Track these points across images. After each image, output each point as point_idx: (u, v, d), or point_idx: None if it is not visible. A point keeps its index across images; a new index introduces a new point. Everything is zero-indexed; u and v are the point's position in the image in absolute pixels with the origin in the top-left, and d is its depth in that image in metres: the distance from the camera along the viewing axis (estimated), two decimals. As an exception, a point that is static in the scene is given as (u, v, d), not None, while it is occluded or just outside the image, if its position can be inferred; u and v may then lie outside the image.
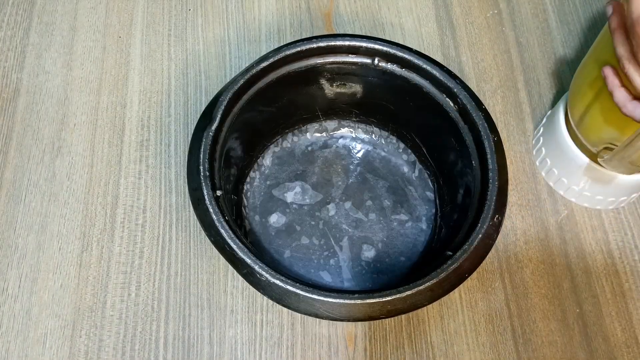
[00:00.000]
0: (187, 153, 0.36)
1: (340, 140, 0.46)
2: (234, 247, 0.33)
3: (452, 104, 0.38)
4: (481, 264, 0.33)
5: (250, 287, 0.33)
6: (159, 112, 0.46)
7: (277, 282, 0.32)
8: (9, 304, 0.39)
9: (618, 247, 0.43)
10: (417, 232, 0.43)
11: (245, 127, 0.40)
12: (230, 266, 0.33)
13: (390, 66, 0.39)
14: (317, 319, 0.39)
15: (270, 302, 0.40)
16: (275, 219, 0.43)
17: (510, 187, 0.44)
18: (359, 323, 0.39)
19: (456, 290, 0.33)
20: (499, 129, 0.37)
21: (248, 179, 0.44)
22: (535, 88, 0.48)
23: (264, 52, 0.42)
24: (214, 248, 0.33)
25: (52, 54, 0.48)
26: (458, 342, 0.39)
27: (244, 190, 0.44)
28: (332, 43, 0.39)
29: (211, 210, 0.34)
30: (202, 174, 0.35)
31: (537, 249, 0.42)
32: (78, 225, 0.42)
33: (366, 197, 0.44)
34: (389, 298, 0.31)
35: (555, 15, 0.52)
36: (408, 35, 0.50)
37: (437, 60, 0.39)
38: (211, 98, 0.38)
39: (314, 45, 0.39)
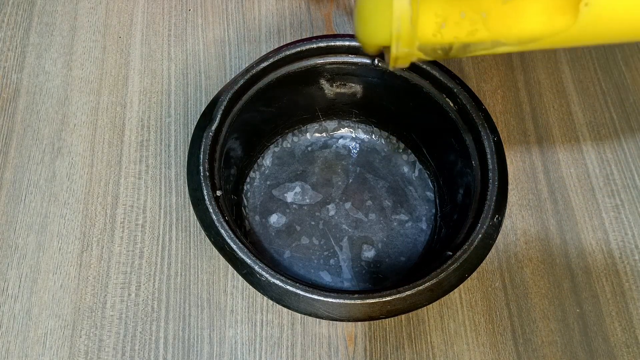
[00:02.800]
0: (187, 153, 0.36)
1: (340, 140, 0.46)
2: (234, 247, 0.33)
3: (452, 104, 0.38)
4: (481, 264, 0.33)
5: (250, 287, 0.33)
6: (159, 112, 0.46)
7: (277, 282, 0.32)
8: (9, 304, 0.39)
9: (618, 247, 0.43)
10: (417, 232, 0.43)
11: (245, 127, 0.40)
12: (230, 266, 0.33)
13: (390, 66, 0.39)
14: (317, 319, 0.39)
15: (270, 302, 0.40)
16: (275, 219, 0.43)
17: (510, 187, 0.44)
18: (359, 323, 0.39)
19: (456, 290, 0.33)
20: (499, 129, 0.37)
21: (248, 179, 0.44)
22: (535, 88, 0.48)
23: (264, 52, 0.42)
24: (214, 248, 0.33)
25: (52, 54, 0.48)
26: (458, 342, 0.39)
27: (244, 190, 0.44)
28: (332, 43, 0.39)
29: (211, 210, 0.34)
30: (202, 174, 0.35)
31: (537, 248, 0.42)
32: (78, 225, 0.42)
33: (366, 197, 0.44)
34: (389, 298, 0.31)
35: (555, 15, 0.52)
36: (408, 35, 0.50)
37: (437, 60, 0.39)
38: (211, 98, 0.38)
39: (314, 46, 0.39)
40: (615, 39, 0.23)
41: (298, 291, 0.31)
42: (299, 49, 0.38)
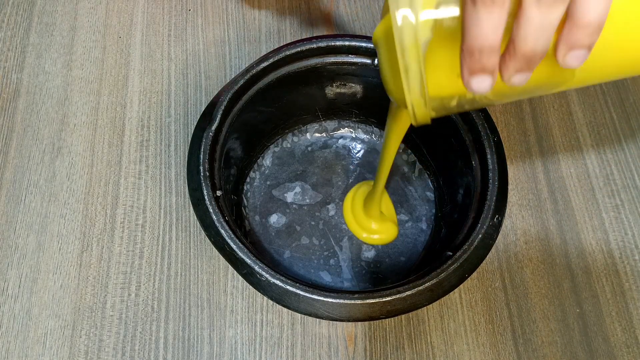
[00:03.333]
0: (187, 153, 0.36)
1: (340, 141, 0.46)
2: (234, 247, 0.33)
3: (452, 104, 0.38)
4: (481, 264, 0.33)
5: (250, 287, 0.33)
6: (159, 112, 0.46)
7: (277, 282, 0.32)
8: (9, 304, 0.39)
9: (618, 247, 0.43)
10: (417, 232, 0.43)
11: (245, 127, 0.40)
12: (230, 266, 0.33)
13: (390, 66, 0.39)
14: (317, 319, 0.39)
15: (270, 302, 0.40)
16: (275, 219, 0.43)
17: (510, 187, 0.44)
18: (359, 323, 0.39)
19: (456, 290, 0.33)
20: (499, 129, 0.37)
21: (248, 179, 0.44)
22: (535, 88, 0.48)
23: (264, 52, 0.42)
24: (214, 248, 0.33)
25: (52, 54, 0.48)
26: (458, 342, 0.39)
27: (244, 190, 0.44)
28: (332, 43, 0.39)
29: (211, 210, 0.34)
30: (202, 174, 0.35)
31: (537, 249, 0.42)
32: (78, 225, 0.42)
33: (366, 197, 0.44)
34: (389, 298, 0.31)
35: (555, 15, 0.52)
36: (408, 35, 0.50)
37: (437, 60, 0.39)
38: (211, 98, 0.38)
39: (314, 46, 0.39)
40: (620, 75, 0.24)
41: (298, 291, 0.31)
42: (299, 49, 0.38)
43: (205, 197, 0.34)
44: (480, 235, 0.33)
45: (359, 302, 0.31)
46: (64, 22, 0.50)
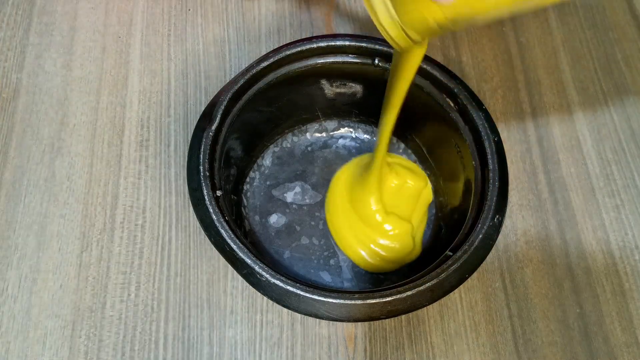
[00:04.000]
0: (187, 153, 0.36)
1: (340, 140, 0.46)
2: (234, 247, 0.33)
3: (452, 104, 0.38)
4: (481, 264, 0.33)
5: (250, 287, 0.33)
6: (158, 112, 0.46)
7: (277, 282, 0.32)
8: (9, 304, 0.39)
9: (618, 247, 0.43)
10: (417, 232, 0.43)
11: (245, 127, 0.40)
12: (230, 266, 0.33)
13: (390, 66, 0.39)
14: (317, 319, 0.39)
15: (270, 302, 0.40)
16: (275, 219, 0.43)
17: (510, 187, 0.44)
18: (359, 323, 0.39)
19: (456, 290, 0.33)
20: (499, 129, 0.37)
21: (248, 179, 0.44)
22: (535, 88, 0.48)
23: (264, 52, 0.42)
24: (214, 248, 0.33)
25: (52, 54, 0.48)
26: (458, 343, 0.39)
27: (244, 190, 0.44)
28: (332, 43, 0.39)
29: (211, 210, 0.34)
30: (202, 174, 0.35)
31: (538, 249, 0.42)
32: (78, 225, 0.42)
33: (366, 197, 0.44)
34: (389, 298, 0.31)
35: (555, 15, 0.52)
36: (408, 35, 0.50)
37: (437, 60, 0.39)
38: (211, 98, 0.38)
39: (314, 45, 0.39)
40: None
41: (298, 291, 0.31)
42: (299, 49, 0.38)
43: (205, 197, 0.34)
44: (480, 236, 0.33)
45: (359, 302, 0.31)
46: (64, 22, 0.50)
